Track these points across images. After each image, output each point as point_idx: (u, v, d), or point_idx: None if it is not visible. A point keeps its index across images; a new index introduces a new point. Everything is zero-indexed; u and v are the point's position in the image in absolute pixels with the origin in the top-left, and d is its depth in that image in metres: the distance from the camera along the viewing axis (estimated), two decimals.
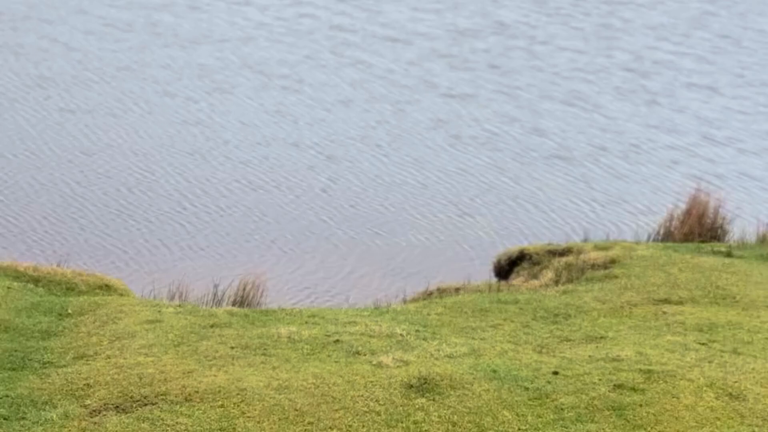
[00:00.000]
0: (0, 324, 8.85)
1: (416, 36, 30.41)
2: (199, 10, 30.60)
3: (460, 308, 9.70)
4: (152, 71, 23.18)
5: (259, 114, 21.02)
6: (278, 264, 14.19)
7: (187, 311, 9.26)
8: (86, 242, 13.98)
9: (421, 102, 23.03)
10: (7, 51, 23.27)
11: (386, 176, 18.30)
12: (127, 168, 17.24)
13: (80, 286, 10.35)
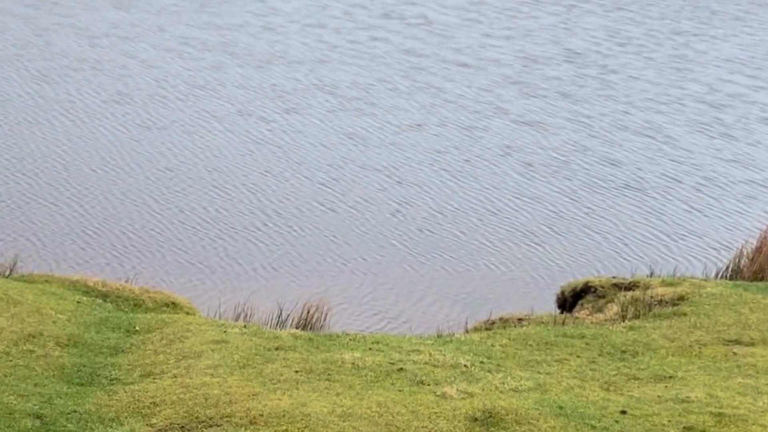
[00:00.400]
0: (69, 338, 8.90)
1: (487, 62, 30.31)
2: (273, 31, 30.85)
3: (524, 340, 9.54)
4: (227, 90, 23.36)
5: (332, 136, 21.04)
6: (343, 286, 14.11)
7: (252, 332, 9.24)
8: (155, 258, 14.03)
9: (492, 128, 22.89)
10: (88, 67, 23.63)
11: (456, 201, 18.16)
12: (203, 185, 17.30)
13: (147, 302, 10.40)
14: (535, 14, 40.94)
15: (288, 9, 35.27)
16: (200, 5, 33.33)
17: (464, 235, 16.70)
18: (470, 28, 36.44)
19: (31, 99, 20.57)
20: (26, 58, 23.52)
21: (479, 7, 42.28)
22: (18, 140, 18.10)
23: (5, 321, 8.89)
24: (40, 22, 27.38)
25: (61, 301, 9.70)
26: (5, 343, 8.50)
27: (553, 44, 33.80)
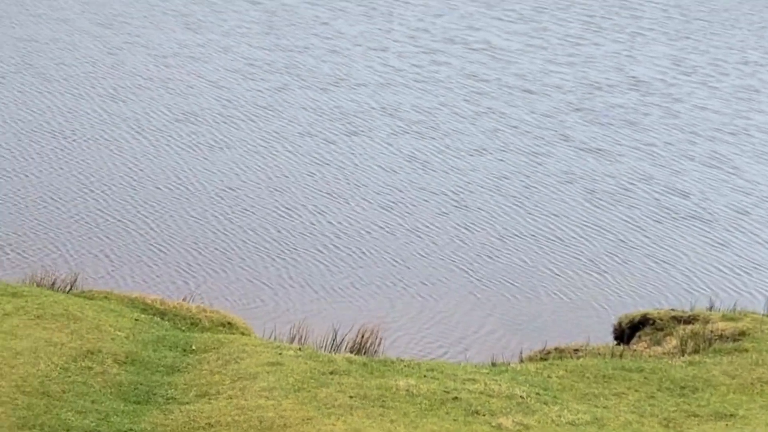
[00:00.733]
0: (127, 356, 8.90)
1: (550, 88, 30.10)
2: (337, 53, 30.95)
3: (582, 373, 9.35)
4: (292, 112, 23.44)
5: (394, 159, 20.98)
6: (398, 311, 13.98)
7: (306, 355, 9.17)
8: (213, 277, 14.00)
9: (555, 154, 22.68)
10: (157, 86, 23.87)
11: (518, 228, 17.96)
12: (265, 206, 17.30)
13: (204, 322, 10.39)
14: (598, 41, 40.61)
15: (352, 32, 35.40)
16: (267, 27, 33.58)
17: (524, 262, 16.51)
18: (533, 53, 36.24)
19: (101, 116, 20.80)
20: (98, 76, 23.83)
21: (542, 33, 42.08)
22: (87, 157, 18.28)
23: (65, 337, 8.92)
24: (111, 41, 27.76)
25: (119, 318, 9.72)
26: (64, 359, 8.52)
27: (616, 72, 33.47)
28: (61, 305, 9.57)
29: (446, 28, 39.71)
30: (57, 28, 28.36)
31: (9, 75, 22.60)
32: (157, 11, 33.08)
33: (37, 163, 17.48)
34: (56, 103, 21.22)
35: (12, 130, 18.98)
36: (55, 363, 8.37)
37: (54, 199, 15.97)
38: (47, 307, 9.47)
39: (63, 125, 19.80)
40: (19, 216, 14.92)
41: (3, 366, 8.11)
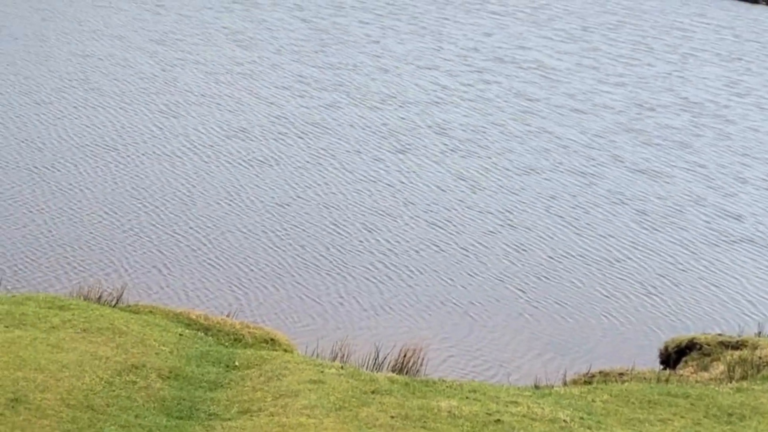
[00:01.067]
0: (171, 371, 8.90)
1: (601, 108, 29.87)
2: (387, 72, 30.99)
3: (626, 397, 9.18)
4: (342, 129, 23.48)
5: (444, 177, 20.91)
6: (441, 330, 13.85)
7: (348, 374, 9.11)
8: (257, 293, 13.95)
9: (605, 175, 22.48)
10: (211, 102, 24.04)
11: (567, 248, 17.78)
12: (317, 222, 17.28)
13: (247, 338, 10.36)
14: (650, 62, 40.27)
15: (402, 50, 35.44)
16: (319, 45, 33.73)
17: (571, 283, 16.33)
18: (583, 73, 36.02)
19: (155, 132, 20.98)
20: (151, 92, 24.06)
21: (592, 53, 41.82)
22: (139, 172, 18.42)
23: (110, 351, 8.94)
24: (165, 58, 28.04)
25: (164, 333, 9.73)
26: (109, 373, 8.54)
27: (668, 92, 33.15)
28: (107, 319, 9.61)
29: (496, 47, 39.61)
30: (112, 44, 28.71)
31: (66, 90, 22.89)
32: (210, 28, 33.37)
33: (92, 177, 17.63)
34: (111, 118, 21.44)
35: (69, 144, 19.20)
36: (100, 377, 8.40)
37: (106, 212, 16.09)
38: (93, 320, 9.52)
39: (117, 140, 19.99)
40: (72, 229, 15.05)
41: (49, 379, 8.15)
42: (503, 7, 55.91)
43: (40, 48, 26.52)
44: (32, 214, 15.50)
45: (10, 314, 9.39)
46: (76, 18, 31.32)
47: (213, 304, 13.10)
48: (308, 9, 41.56)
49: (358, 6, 45.24)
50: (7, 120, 20.07)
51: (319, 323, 13.39)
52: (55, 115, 20.96)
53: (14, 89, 22.25)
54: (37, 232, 14.65)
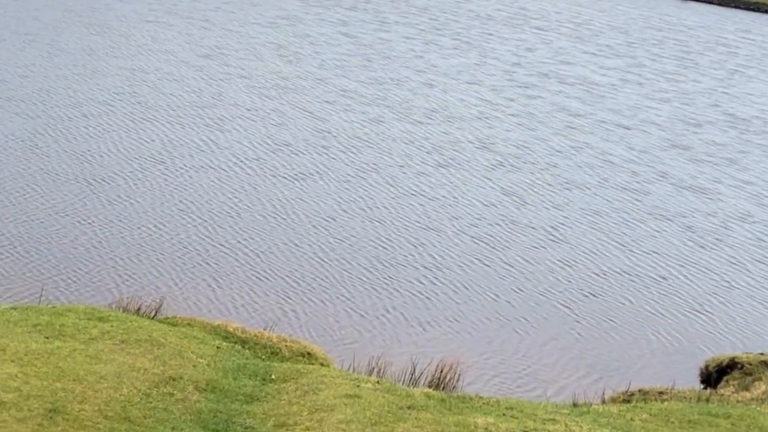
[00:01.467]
0: (208, 383, 8.85)
1: (647, 124, 29.58)
2: (432, 87, 30.93)
3: (666, 417, 8.98)
4: (388, 143, 23.42)
5: (489, 191, 20.74)
6: (479, 345, 13.67)
7: (384, 389, 9.00)
8: (294, 306, 13.82)
9: (651, 191, 22.21)
10: (257, 116, 24.12)
11: (613, 264, 17.49)
12: (360, 235, 17.15)
13: (284, 351, 10.27)
14: (695, 77, 39.85)
15: (446, 66, 35.38)
16: (363, 60, 33.77)
17: (614, 299, 16.06)
18: (628, 89, 35.72)
19: (201, 145, 21.03)
20: (199, 106, 24.18)
21: (637, 68, 41.47)
22: (186, 185, 18.42)
23: (148, 362, 8.92)
24: (211, 72, 28.20)
25: (202, 346, 9.67)
26: (147, 384, 8.52)
27: (714, 108, 32.77)
28: (145, 331, 9.58)
29: (539, 62, 39.42)
30: (159, 58, 28.93)
31: (114, 103, 23.08)
32: (255, 43, 33.53)
33: (138, 189, 17.68)
34: (158, 131, 21.56)
35: (117, 157, 19.30)
36: (138, 388, 8.37)
37: (149, 225, 16.10)
38: (132, 332, 9.49)
39: (164, 153, 20.07)
40: (115, 241, 15.08)
41: (87, 390, 8.13)
42: (546, 23, 55.69)
43: (89, 62, 26.79)
44: (81, 225, 15.56)
45: (50, 325, 9.36)
46: (124, 33, 31.62)
47: (251, 318, 13.05)
48: (352, 24, 41.65)
49: (401, 21, 45.28)
50: (57, 132, 20.25)
51: (356, 337, 13.26)
52: (104, 128, 21.11)
53: (64, 102, 22.46)
54: (80, 244, 14.70)
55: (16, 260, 13.66)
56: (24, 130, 20.11)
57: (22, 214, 15.54)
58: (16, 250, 13.98)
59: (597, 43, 49.15)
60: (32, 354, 8.63)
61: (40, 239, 14.45)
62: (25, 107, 21.58)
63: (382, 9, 48.81)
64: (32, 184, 17.10)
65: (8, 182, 16.93)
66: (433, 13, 51.26)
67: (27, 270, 13.44)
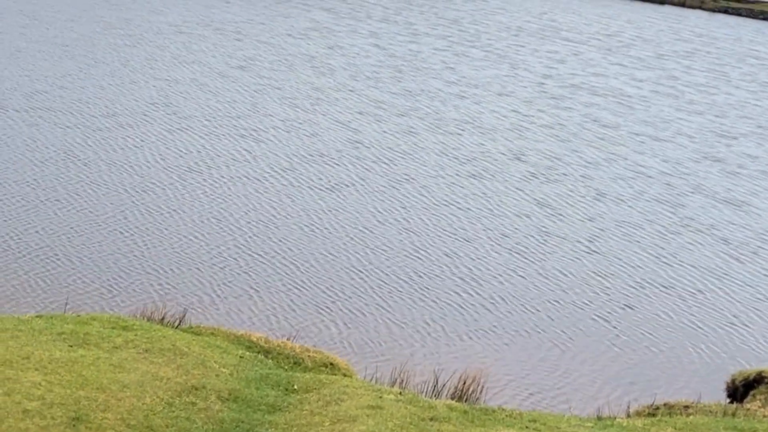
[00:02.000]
0: (230, 393, 8.78)
1: (680, 136, 29.31)
2: (463, 98, 30.82)
3: (691, 431, 8.82)
4: (420, 154, 23.31)
5: (522, 203, 20.57)
6: (503, 356, 13.49)
7: (407, 400, 8.89)
8: (317, 316, 13.70)
9: (687, 203, 21.97)
10: (290, 126, 24.11)
11: (648, 276, 17.25)
12: (397, 245, 17.00)
13: (307, 361, 10.17)
14: (728, 90, 39.46)
15: (477, 77, 35.26)
16: (395, 71, 33.73)
17: (644, 312, 15.81)
18: (661, 101, 35.43)
19: (236, 155, 21.00)
20: (233, 116, 24.22)
21: (669, 80, 41.13)
22: (220, 195, 18.39)
23: (171, 371, 8.87)
24: (246, 83, 28.26)
25: (225, 355, 9.59)
26: (169, 394, 8.46)
27: (747, 121, 32.42)
28: (168, 340, 9.52)
29: (570, 74, 39.22)
30: (195, 69, 29.03)
31: (150, 114, 23.17)
32: (287, 55, 33.58)
33: (174, 199, 17.67)
34: (193, 141, 21.60)
35: (153, 167, 19.35)
36: (161, 397, 8.32)
37: (180, 234, 16.08)
38: (155, 341, 9.44)
39: (200, 163, 20.09)
40: (143, 249, 15.07)
41: (110, 398, 8.09)
42: (576, 35, 55.43)
43: (125, 73, 26.93)
44: (109, 234, 15.53)
45: (74, 334, 9.34)
46: (159, 45, 31.78)
47: (275, 327, 12.96)
48: (383, 36, 41.64)
49: (432, 33, 45.22)
50: (95, 142, 20.35)
51: (380, 347, 13.11)
52: (141, 138, 21.16)
53: (101, 112, 22.57)
54: (108, 253, 14.67)
55: (43, 268, 13.68)
56: (63, 140, 20.22)
57: (55, 222, 15.58)
58: (42, 259, 14.00)
59: (627, 55, 48.83)
60: (56, 362, 8.60)
61: (67, 247, 14.47)
62: (64, 117, 21.71)
63: (412, 21, 48.79)
64: (72, 193, 17.16)
65: (47, 192, 17.01)
66: (463, 25, 51.19)
67: (53, 278, 13.45)
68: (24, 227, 15.09)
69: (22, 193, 16.76)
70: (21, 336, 9.17)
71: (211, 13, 39.60)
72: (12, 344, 8.90)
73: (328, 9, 47.57)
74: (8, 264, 13.56)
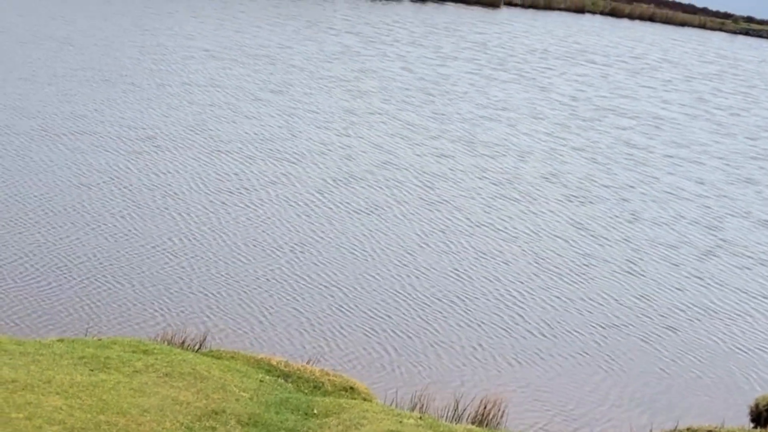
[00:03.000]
0: (250, 417, 8.63)
1: (714, 158, 29.05)
2: (493, 120, 30.66)
3: None
4: (457, 176, 23.13)
5: (559, 225, 20.34)
6: (526, 381, 13.17)
7: (427, 425, 8.72)
8: (338, 339, 13.40)
9: (726, 227, 21.70)
10: (325, 149, 23.96)
11: (685, 298, 17.05)
12: (438, 267, 16.76)
13: (327, 385, 10.02)
14: (758, 112, 39.18)
15: (508, 100, 35.11)
16: (426, 94, 33.62)
17: (672, 335, 15.58)
18: (692, 123, 35.18)
19: (274, 179, 20.88)
20: (271, 140, 24.08)
21: (700, 103, 40.88)
22: (256, 217, 18.25)
23: (191, 396, 8.73)
24: (281, 107, 28.16)
25: (245, 379, 9.44)
26: (189, 418, 8.30)
27: None
28: (189, 364, 9.37)
29: (600, 97, 39.04)
30: (229, 93, 28.94)
31: (184, 138, 23.04)
32: (320, 78, 33.50)
33: (211, 222, 17.52)
34: (232, 164, 21.46)
35: (192, 190, 19.20)
36: (180, 422, 8.15)
37: (210, 256, 15.86)
38: (176, 365, 9.29)
39: (238, 185, 19.94)
40: (171, 272, 14.82)
41: (130, 423, 7.93)
42: (603, 57, 55.31)
43: (161, 97, 26.85)
44: (137, 257, 15.35)
45: (95, 358, 9.28)
46: (193, 69, 31.73)
47: (295, 350, 12.69)
48: (412, 60, 41.56)
49: (460, 57, 45.14)
50: (138, 166, 20.23)
51: (398, 371, 12.76)
52: (179, 161, 21.04)
53: (138, 135, 22.47)
54: (133, 276, 14.42)
55: (66, 291, 13.47)
56: (105, 163, 20.12)
57: (81, 245, 15.35)
58: (65, 282, 13.79)
59: (655, 77, 48.63)
60: (77, 386, 8.52)
61: (89, 271, 14.27)
62: (103, 141, 21.60)
63: (440, 44, 48.75)
64: (108, 216, 16.97)
65: (86, 215, 16.82)
66: (490, 48, 51.13)
67: (75, 300, 13.23)
68: (49, 249, 14.89)
69: (63, 216, 16.56)
70: (42, 360, 9.13)
71: (243, 39, 39.64)
72: (33, 368, 8.84)
73: (356, 33, 47.59)
74: (31, 286, 13.37)
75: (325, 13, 53.53)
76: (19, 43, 30.80)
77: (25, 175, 18.41)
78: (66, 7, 39.36)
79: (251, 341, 12.80)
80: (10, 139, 20.44)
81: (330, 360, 12.52)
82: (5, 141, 20.29)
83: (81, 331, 11.95)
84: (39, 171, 18.74)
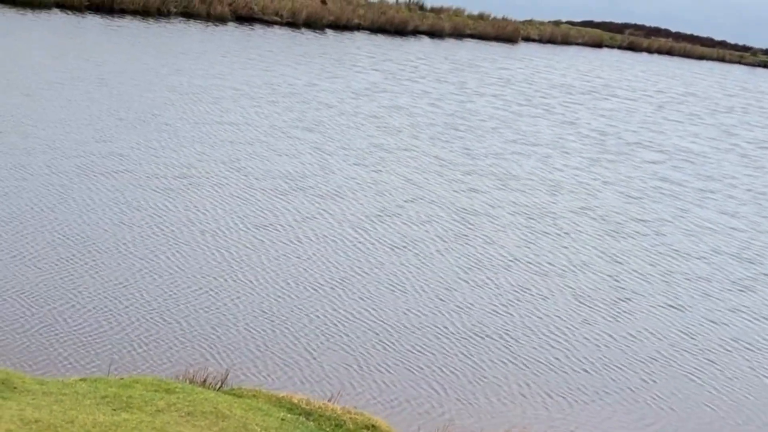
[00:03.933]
0: None
1: (747, 192, 28.77)
2: (522, 155, 30.54)
3: None
4: (491, 211, 23.00)
5: (596, 260, 20.15)
6: (545, 414, 12.97)
7: None
8: (360, 376, 13.19)
9: (765, 262, 21.44)
10: (358, 185, 23.90)
11: (724, 333, 16.79)
12: (478, 304, 16.62)
13: (348, 423, 9.88)
14: None
15: (539, 135, 35.02)
16: (454, 130, 33.58)
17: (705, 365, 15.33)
18: (721, 156, 34.96)
19: (309, 216, 20.83)
20: (305, 176, 24.06)
21: (728, 137, 40.65)
22: (290, 254, 18.15)
23: None
24: (314, 144, 28.18)
25: (266, 418, 9.30)
26: None
27: None
28: (210, 403, 9.25)
29: (628, 131, 38.89)
30: (262, 131, 28.98)
31: (219, 175, 23.05)
32: (350, 115, 33.55)
33: (243, 259, 17.42)
34: (266, 201, 21.42)
35: (226, 228, 19.15)
36: None
37: (234, 293, 15.74)
38: (197, 404, 9.17)
39: (273, 221, 19.89)
40: (194, 309, 14.69)
41: None
42: (627, 92, 55.23)
43: (195, 135, 26.92)
44: (159, 294, 15.27)
45: (117, 397, 9.18)
46: (224, 108, 31.84)
47: (316, 388, 12.49)
48: (439, 95, 41.59)
49: (486, 93, 45.15)
50: (177, 203, 20.21)
51: (420, 407, 12.52)
52: (213, 198, 21.03)
53: (171, 172, 22.49)
54: (157, 313, 14.31)
55: (87, 330, 13.35)
56: (143, 200, 20.11)
57: (107, 282, 15.24)
58: (87, 320, 13.68)
59: (680, 111, 48.47)
60: (100, 426, 8.40)
61: (113, 309, 14.15)
62: (140, 179, 21.63)
63: (465, 80, 48.80)
64: (149, 253, 16.90)
65: (120, 254, 16.76)
66: (514, 83, 51.13)
67: (97, 340, 13.10)
68: (76, 286, 14.79)
69: (96, 255, 16.50)
70: (65, 400, 9.03)
71: (271, 77, 39.81)
72: (56, 408, 8.73)
73: (381, 70, 47.71)
74: (54, 326, 13.27)
75: (349, 50, 53.75)
76: (55, 84, 31.04)
77: (66, 212, 18.43)
78: (97, 48, 39.70)
79: (273, 379, 12.65)
80: (51, 179, 20.52)
81: (351, 396, 12.33)
82: (46, 181, 20.37)
83: (103, 370, 11.83)
84: (79, 210, 18.75)
